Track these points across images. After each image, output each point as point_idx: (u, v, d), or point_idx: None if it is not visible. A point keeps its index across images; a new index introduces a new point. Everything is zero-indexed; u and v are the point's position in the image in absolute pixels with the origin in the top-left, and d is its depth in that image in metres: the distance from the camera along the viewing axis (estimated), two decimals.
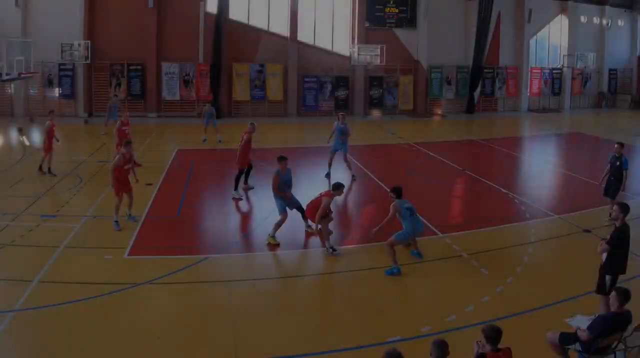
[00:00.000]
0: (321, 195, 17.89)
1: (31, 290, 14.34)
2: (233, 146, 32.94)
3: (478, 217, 21.23)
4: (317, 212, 17.31)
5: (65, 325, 12.69)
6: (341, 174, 26.94)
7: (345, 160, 27.80)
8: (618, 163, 20.11)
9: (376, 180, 26.48)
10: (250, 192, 24.37)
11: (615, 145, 20.37)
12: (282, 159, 19.08)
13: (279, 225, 18.34)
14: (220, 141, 35.44)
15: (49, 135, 26.31)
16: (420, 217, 17.54)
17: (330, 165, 27.86)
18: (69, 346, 11.78)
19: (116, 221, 19.47)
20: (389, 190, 17.31)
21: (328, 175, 27.67)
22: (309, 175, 28.22)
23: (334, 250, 17.71)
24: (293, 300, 14.47)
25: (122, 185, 19.76)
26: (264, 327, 12.90)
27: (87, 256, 16.92)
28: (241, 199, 23.86)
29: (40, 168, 26.47)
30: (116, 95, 40.72)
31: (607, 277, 12.37)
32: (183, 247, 18.17)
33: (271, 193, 18.93)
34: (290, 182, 19.31)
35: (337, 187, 17.99)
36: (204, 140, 35.50)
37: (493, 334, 8.67)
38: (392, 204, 16.49)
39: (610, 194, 20.22)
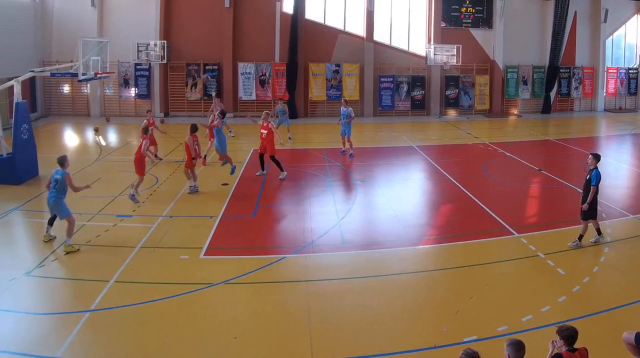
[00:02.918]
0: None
1: (107, 290, 14.64)
2: (308, 147, 33.40)
3: (554, 217, 21.02)
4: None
5: (141, 325, 12.98)
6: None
7: (348, 141, 31.91)
8: (588, 177, 17.93)
9: (452, 180, 26.41)
10: (327, 193, 24.55)
11: (589, 157, 18.22)
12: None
13: None
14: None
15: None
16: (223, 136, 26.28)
17: (344, 144, 32.59)
18: (144, 346, 12.05)
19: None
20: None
21: (343, 152, 32.57)
22: (386, 174, 28.35)
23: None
24: (368, 301, 14.41)
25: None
26: (341, 327, 12.98)
27: (163, 256, 17.21)
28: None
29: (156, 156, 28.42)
30: (282, 99, 40.75)
31: None
32: (259, 247, 18.43)
33: (349, 191, 19.36)
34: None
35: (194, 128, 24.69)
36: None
37: (569, 334, 8.64)
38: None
39: (582, 215, 17.96)
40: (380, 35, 50.31)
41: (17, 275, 15.40)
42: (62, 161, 18.01)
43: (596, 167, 17.76)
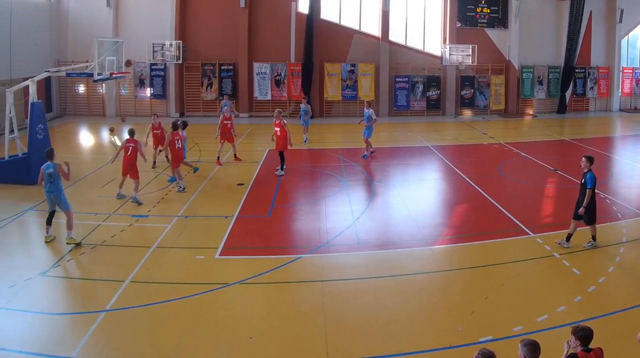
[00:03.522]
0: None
1: (122, 290, 14.75)
2: (323, 147, 33.38)
3: (569, 217, 20.81)
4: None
5: (157, 325, 13.06)
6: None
7: (365, 142, 31.75)
8: (583, 180, 17.56)
9: (468, 180, 26.43)
10: (343, 193, 24.61)
11: (582, 159, 17.86)
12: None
13: None
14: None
15: (151, 133, 28.16)
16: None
17: (370, 147, 31.95)
18: (159, 346, 12.12)
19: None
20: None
21: (366, 157, 31.62)
22: (402, 174, 28.40)
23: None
24: (384, 301, 14.44)
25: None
26: (356, 327, 13.03)
27: (178, 256, 17.32)
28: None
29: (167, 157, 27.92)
30: (305, 97, 40.43)
31: None
32: (274, 247, 18.51)
33: (365, 191, 19.60)
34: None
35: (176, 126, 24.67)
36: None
37: (584, 334, 8.59)
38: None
39: (584, 219, 17.63)
40: (396, 35, 50.32)
41: (33, 275, 15.54)
42: (51, 154, 18.33)
43: (590, 170, 17.52)
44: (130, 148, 22.76)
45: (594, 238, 17.82)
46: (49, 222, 18.27)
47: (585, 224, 17.79)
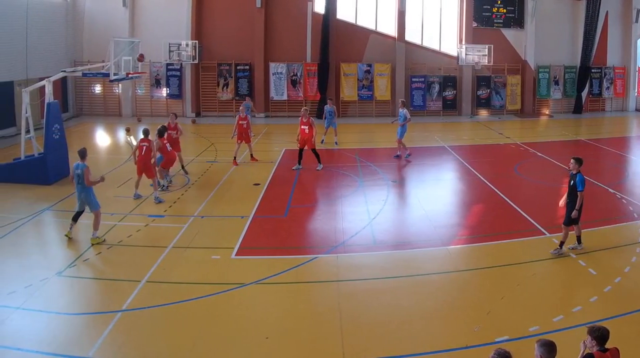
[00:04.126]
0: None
1: (139, 290, 14.80)
2: (340, 147, 33.36)
3: (585, 217, 20.64)
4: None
5: (173, 325, 13.11)
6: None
7: (398, 142, 31.47)
8: (572, 182, 17.24)
9: (484, 180, 26.41)
10: (359, 193, 24.62)
11: (571, 161, 17.50)
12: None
13: None
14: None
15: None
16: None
17: (405, 148, 31.55)
18: (175, 346, 12.17)
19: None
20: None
21: (404, 156, 31.49)
22: (418, 174, 28.43)
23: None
24: (400, 301, 14.46)
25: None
26: (372, 327, 13.05)
27: (194, 256, 17.35)
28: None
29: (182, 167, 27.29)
30: (330, 99, 40.06)
31: None
32: (291, 247, 18.53)
33: (381, 191, 19.63)
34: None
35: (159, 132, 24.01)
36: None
37: (600, 334, 8.57)
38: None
39: (565, 220, 17.45)
40: (412, 35, 50.25)
41: (49, 275, 15.62)
42: (83, 153, 18.47)
43: (579, 171, 17.21)
44: (144, 148, 22.77)
45: (561, 245, 17.46)
46: (74, 219, 18.43)
47: (563, 225, 17.51)
